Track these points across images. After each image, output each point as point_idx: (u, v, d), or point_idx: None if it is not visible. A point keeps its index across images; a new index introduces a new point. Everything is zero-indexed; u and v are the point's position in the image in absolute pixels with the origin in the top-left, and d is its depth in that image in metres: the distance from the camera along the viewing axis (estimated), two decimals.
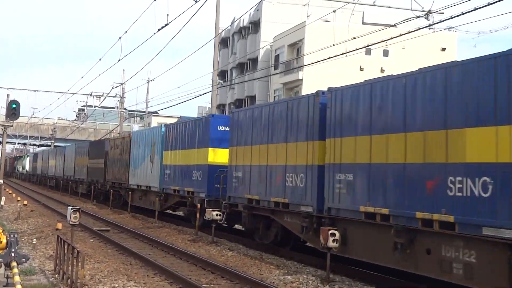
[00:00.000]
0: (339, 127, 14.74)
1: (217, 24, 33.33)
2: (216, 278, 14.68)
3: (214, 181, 22.45)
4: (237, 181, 20.39)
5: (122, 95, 55.07)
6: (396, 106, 12.92)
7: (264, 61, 57.56)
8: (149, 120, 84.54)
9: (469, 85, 11.18)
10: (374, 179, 13.45)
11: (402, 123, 12.68)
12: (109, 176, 38.49)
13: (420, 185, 11.99)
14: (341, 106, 14.73)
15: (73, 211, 16.46)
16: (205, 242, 21.00)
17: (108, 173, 38.94)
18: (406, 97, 12.64)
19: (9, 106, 31.24)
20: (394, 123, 12.93)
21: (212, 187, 22.57)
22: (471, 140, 10.98)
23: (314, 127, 15.84)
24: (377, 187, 13.32)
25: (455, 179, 11.18)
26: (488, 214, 10.50)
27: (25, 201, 35.21)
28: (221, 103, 65.60)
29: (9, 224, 26.30)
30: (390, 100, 13.13)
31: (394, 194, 12.74)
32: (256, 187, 19.03)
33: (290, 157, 17.00)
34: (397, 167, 12.71)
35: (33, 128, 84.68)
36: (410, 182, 12.31)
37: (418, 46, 44.88)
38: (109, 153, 38.91)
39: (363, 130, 13.88)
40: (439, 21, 20.91)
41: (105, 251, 18.77)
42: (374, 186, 13.43)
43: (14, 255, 11.86)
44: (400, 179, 12.61)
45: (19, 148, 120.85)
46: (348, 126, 14.44)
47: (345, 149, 14.48)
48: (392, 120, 13.01)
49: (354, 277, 14.66)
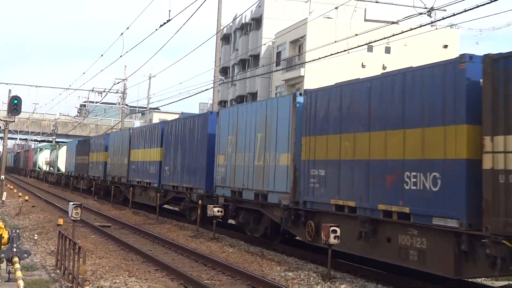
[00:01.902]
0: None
1: (219, 20, 33.31)
2: (217, 274, 14.70)
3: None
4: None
5: (123, 91, 55.08)
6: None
7: (266, 57, 57.53)
8: (150, 116, 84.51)
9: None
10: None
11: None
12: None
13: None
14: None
15: (74, 207, 16.47)
16: (206, 238, 21.02)
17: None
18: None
19: (11, 101, 31.29)
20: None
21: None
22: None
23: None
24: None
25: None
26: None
27: (26, 196, 35.25)
28: (223, 99, 65.58)
29: (11, 219, 26.34)
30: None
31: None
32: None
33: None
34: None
35: (34, 124, 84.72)
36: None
37: (420, 43, 44.80)
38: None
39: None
40: (441, 18, 20.93)
41: (106, 247, 18.80)
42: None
43: (16, 250, 11.87)
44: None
45: (21, 143, 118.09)
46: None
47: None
48: (359, 120, 14.33)
49: (355, 274, 14.69)
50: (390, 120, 13.27)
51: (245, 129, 20.42)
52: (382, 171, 13.37)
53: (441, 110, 11.91)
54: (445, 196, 11.68)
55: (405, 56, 45.87)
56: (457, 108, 11.56)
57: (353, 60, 42.57)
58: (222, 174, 21.82)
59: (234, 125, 21.20)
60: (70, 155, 54.10)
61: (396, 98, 13.13)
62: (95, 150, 44.24)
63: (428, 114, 12.25)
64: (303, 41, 50.29)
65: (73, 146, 53.06)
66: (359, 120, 14.30)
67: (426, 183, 12.11)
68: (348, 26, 31.02)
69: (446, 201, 11.64)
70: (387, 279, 13.80)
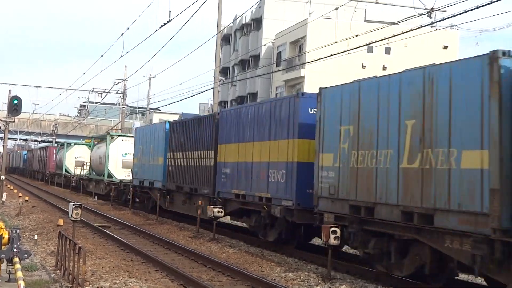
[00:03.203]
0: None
1: (219, 21, 33.33)
2: (217, 275, 14.70)
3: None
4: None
5: (123, 92, 55.10)
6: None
7: (266, 58, 57.54)
8: (150, 117, 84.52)
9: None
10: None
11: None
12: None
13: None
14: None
15: (74, 207, 16.47)
16: (206, 239, 21.02)
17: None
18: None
19: (11, 102, 31.29)
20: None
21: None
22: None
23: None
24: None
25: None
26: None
27: (26, 197, 35.26)
28: (223, 100, 65.59)
29: (11, 220, 26.33)
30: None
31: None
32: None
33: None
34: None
35: (34, 124, 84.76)
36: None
37: (420, 44, 44.81)
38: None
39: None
40: (441, 19, 20.91)
41: (106, 248, 18.80)
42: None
43: (16, 250, 11.86)
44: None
45: (21, 144, 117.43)
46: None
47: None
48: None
49: (355, 275, 14.69)
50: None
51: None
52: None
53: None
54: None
55: (405, 56, 45.89)
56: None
57: (354, 61, 42.57)
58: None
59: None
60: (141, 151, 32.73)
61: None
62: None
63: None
64: (303, 42, 50.31)
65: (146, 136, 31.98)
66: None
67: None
68: (348, 27, 31.05)
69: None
70: (387, 280, 13.80)
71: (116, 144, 40.77)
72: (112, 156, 40.47)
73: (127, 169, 37.27)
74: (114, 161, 40.31)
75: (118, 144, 40.73)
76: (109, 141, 41.04)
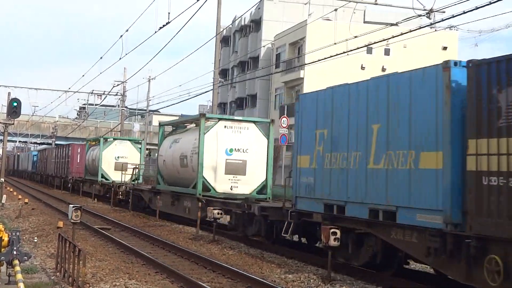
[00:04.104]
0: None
1: (218, 22, 33.35)
2: (217, 276, 14.69)
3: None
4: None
5: (123, 94, 55.11)
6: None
7: (265, 59, 57.59)
8: (150, 119, 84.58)
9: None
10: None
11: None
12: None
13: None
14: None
15: (74, 209, 16.46)
16: (206, 240, 21.00)
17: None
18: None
19: (10, 104, 31.27)
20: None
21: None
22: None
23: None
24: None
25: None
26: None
27: (26, 199, 35.23)
28: (222, 101, 65.62)
29: (10, 222, 26.31)
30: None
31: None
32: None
33: None
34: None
35: (34, 127, 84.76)
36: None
37: (420, 45, 44.88)
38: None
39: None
40: (440, 20, 20.92)
41: (106, 250, 18.79)
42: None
43: (16, 253, 11.84)
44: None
45: (20, 146, 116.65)
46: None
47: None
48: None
49: (356, 276, 14.67)
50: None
51: None
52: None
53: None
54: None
55: (404, 57, 45.95)
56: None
57: (353, 62, 42.63)
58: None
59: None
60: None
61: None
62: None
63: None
64: (302, 43, 50.36)
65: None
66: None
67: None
68: (347, 28, 31.01)
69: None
70: (387, 282, 13.79)
71: (112, 147, 40.43)
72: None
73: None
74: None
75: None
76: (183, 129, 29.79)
